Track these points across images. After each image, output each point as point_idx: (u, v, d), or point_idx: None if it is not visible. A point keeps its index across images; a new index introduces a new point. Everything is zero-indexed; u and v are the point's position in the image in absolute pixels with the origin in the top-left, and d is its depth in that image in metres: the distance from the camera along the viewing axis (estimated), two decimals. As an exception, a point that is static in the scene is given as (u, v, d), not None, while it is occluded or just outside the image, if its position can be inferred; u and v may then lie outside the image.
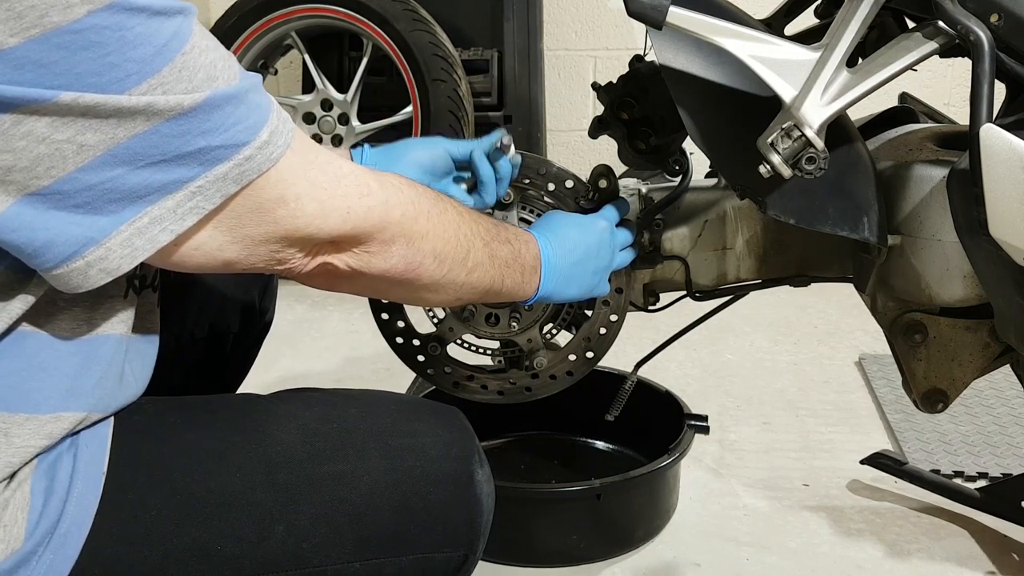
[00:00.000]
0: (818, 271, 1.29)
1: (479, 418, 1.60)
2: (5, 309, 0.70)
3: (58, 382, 0.75)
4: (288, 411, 0.85)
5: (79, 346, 0.76)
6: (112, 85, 0.62)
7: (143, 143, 0.64)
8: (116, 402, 0.81)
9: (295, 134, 0.73)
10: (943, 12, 0.95)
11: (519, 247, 0.99)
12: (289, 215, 0.73)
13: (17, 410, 0.72)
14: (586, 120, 1.20)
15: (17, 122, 0.61)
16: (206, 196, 0.68)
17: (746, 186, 1.08)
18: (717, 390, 2.07)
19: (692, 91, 1.07)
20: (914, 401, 1.26)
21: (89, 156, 0.63)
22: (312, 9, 2.65)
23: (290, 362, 2.27)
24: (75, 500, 0.73)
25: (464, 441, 0.88)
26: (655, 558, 1.45)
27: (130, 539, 0.75)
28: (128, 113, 0.63)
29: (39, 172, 0.63)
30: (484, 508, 0.87)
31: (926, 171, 1.14)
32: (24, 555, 0.71)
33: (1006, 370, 1.28)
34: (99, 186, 0.64)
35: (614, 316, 1.24)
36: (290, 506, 0.79)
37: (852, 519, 1.55)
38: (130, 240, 0.67)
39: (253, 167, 0.69)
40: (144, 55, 0.63)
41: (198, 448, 0.80)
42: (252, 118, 0.69)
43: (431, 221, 0.85)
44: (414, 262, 0.84)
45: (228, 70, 0.69)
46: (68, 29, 0.60)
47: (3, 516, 0.71)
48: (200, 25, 0.69)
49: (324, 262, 0.80)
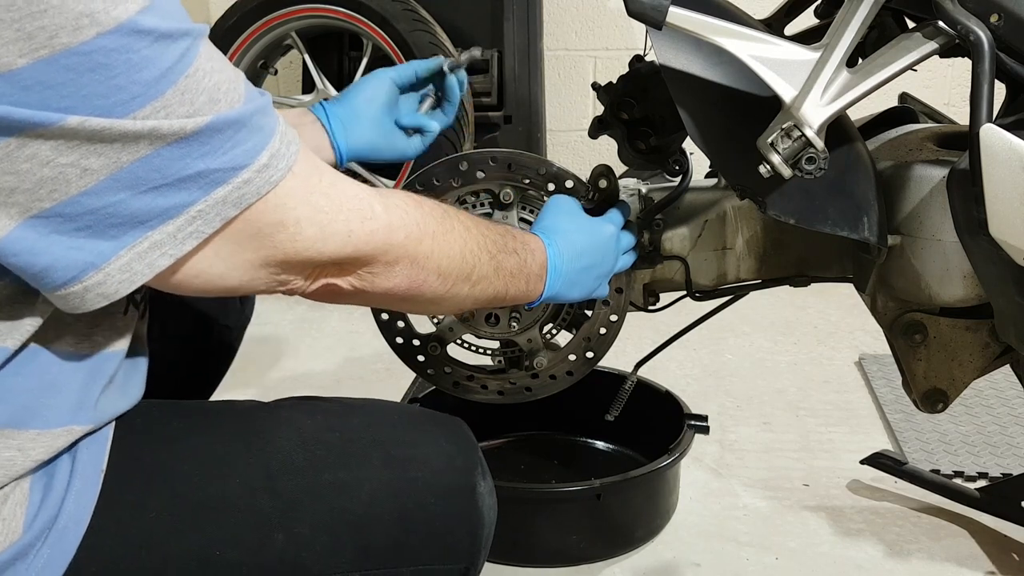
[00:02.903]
0: (818, 271, 1.29)
1: (479, 418, 1.61)
2: (17, 328, 0.71)
3: (67, 398, 0.75)
4: (290, 419, 0.85)
5: (84, 362, 0.76)
6: (117, 108, 0.62)
7: (145, 167, 0.64)
8: (118, 411, 0.81)
9: (299, 156, 0.73)
10: (943, 12, 0.95)
11: (525, 256, 0.98)
12: (288, 239, 0.73)
13: (29, 427, 0.73)
14: (586, 120, 1.20)
15: (22, 144, 0.61)
16: (206, 220, 0.68)
17: (746, 186, 1.08)
18: (717, 390, 2.07)
19: (692, 91, 1.07)
20: (914, 401, 1.26)
21: (92, 180, 0.63)
22: (312, 9, 2.65)
23: (290, 362, 2.27)
24: (73, 496, 0.74)
25: (467, 452, 0.88)
26: (655, 558, 1.45)
27: (129, 540, 0.75)
28: (132, 137, 0.63)
29: (42, 195, 0.62)
30: (486, 521, 0.86)
31: (926, 171, 1.14)
32: (22, 548, 0.71)
33: (1006, 370, 1.28)
34: (101, 210, 0.64)
35: (614, 316, 1.24)
36: (290, 514, 0.78)
37: (852, 519, 1.55)
38: (129, 265, 0.67)
39: (252, 190, 0.69)
40: (149, 78, 0.63)
41: (199, 453, 0.80)
42: (252, 141, 0.69)
43: (436, 240, 0.84)
44: (417, 280, 0.84)
45: (232, 92, 0.68)
46: (77, 51, 0.60)
47: (2, 510, 0.71)
48: (209, 46, 0.68)
49: (327, 283, 0.80)
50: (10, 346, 0.71)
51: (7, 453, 0.72)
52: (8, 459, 0.72)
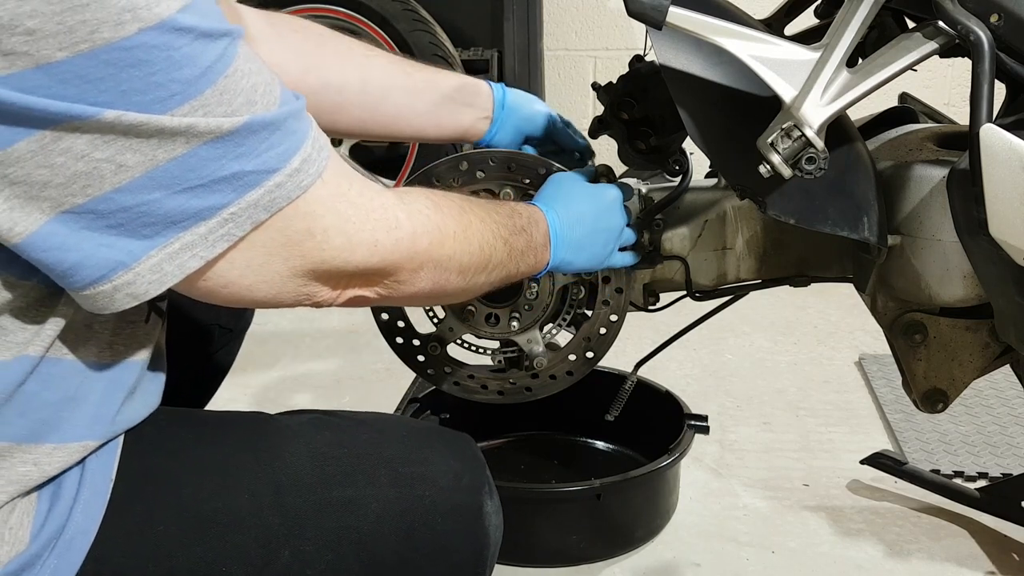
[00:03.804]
0: (818, 271, 1.29)
1: (479, 418, 1.61)
2: (39, 334, 0.70)
3: (86, 411, 0.74)
4: (299, 433, 0.84)
5: (106, 372, 0.76)
6: (155, 105, 0.62)
7: (181, 166, 0.64)
8: (134, 422, 0.80)
9: (329, 163, 0.73)
10: (943, 12, 0.94)
11: (532, 231, 0.99)
12: (316, 248, 0.72)
13: (46, 441, 0.72)
14: (586, 120, 1.20)
15: (57, 138, 0.60)
16: (237, 223, 0.67)
17: (746, 186, 1.08)
18: (717, 390, 2.07)
19: (692, 91, 1.07)
20: (914, 401, 1.26)
21: (127, 177, 0.63)
22: (312, 9, 2.65)
23: (290, 362, 2.27)
24: (81, 507, 0.73)
25: (475, 471, 0.87)
26: (655, 558, 1.46)
27: (136, 552, 0.74)
28: (169, 134, 0.62)
29: (75, 190, 0.62)
30: (491, 541, 0.86)
31: (926, 171, 1.14)
32: (29, 558, 0.70)
33: (1006, 370, 1.28)
34: (134, 208, 0.64)
35: (614, 316, 1.24)
36: (297, 531, 0.78)
37: (852, 519, 1.55)
38: (159, 265, 0.66)
39: (283, 194, 0.69)
40: (189, 76, 0.63)
41: (208, 465, 0.79)
42: (285, 144, 0.69)
43: (457, 240, 0.85)
44: (440, 280, 0.85)
45: (268, 95, 0.68)
46: (118, 46, 0.60)
47: (9, 519, 0.70)
48: (247, 49, 0.68)
49: (355, 295, 0.80)
50: (33, 353, 0.70)
51: (22, 468, 0.71)
52: (23, 474, 0.71)
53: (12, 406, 0.70)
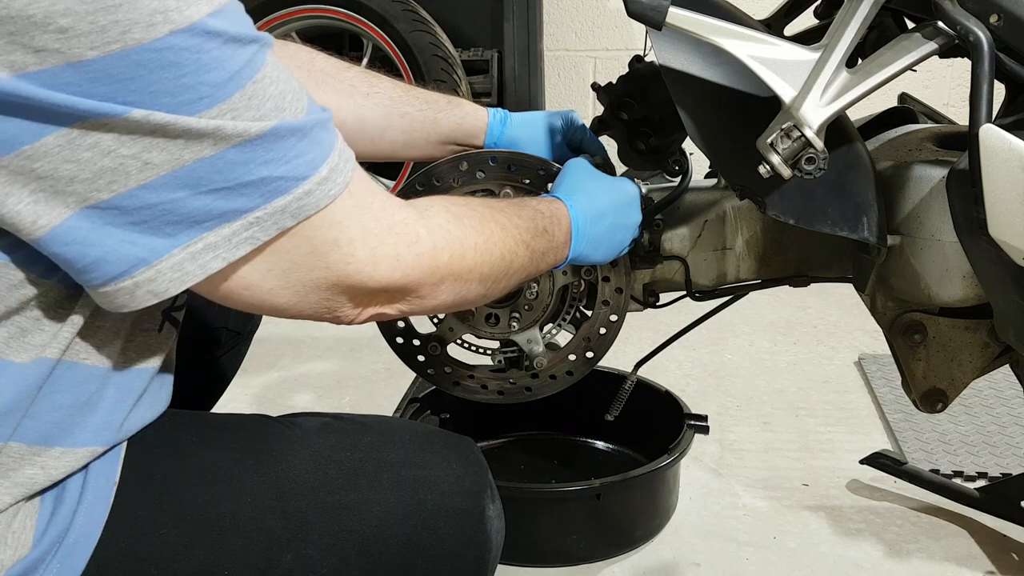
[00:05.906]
0: (818, 271, 1.29)
1: (479, 418, 1.61)
2: (57, 337, 0.70)
3: (97, 416, 0.75)
4: (302, 436, 0.84)
5: (116, 380, 0.76)
6: (184, 107, 0.62)
7: (207, 168, 0.64)
8: (139, 427, 0.80)
9: (354, 175, 0.73)
10: (943, 12, 0.95)
11: (554, 231, 0.99)
12: (342, 260, 0.73)
13: (56, 444, 0.72)
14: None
15: (85, 134, 0.61)
16: (263, 228, 0.68)
17: (746, 186, 1.08)
18: (717, 390, 2.07)
19: (692, 91, 1.08)
20: (914, 401, 1.26)
21: (152, 174, 0.63)
22: (312, 9, 2.65)
23: (290, 362, 2.27)
24: (84, 511, 0.73)
25: (477, 475, 0.87)
26: (655, 558, 1.46)
27: (138, 556, 0.74)
28: (196, 135, 0.63)
29: (100, 185, 0.62)
30: (493, 545, 0.86)
31: (926, 171, 1.14)
32: (32, 562, 0.70)
33: (1006, 370, 1.28)
34: (158, 206, 0.64)
35: (614, 316, 1.24)
36: (299, 535, 0.78)
37: (852, 519, 1.55)
38: (181, 264, 0.66)
39: (311, 202, 0.69)
40: (218, 79, 0.63)
41: (210, 468, 0.79)
42: (313, 152, 0.69)
43: (478, 252, 0.85)
44: (462, 292, 0.85)
45: (296, 103, 0.68)
46: (149, 47, 0.60)
47: (12, 523, 0.70)
48: (275, 57, 0.68)
49: (376, 312, 0.80)
50: (50, 356, 0.70)
51: (30, 471, 0.71)
52: (29, 477, 0.71)
53: (27, 409, 0.71)
